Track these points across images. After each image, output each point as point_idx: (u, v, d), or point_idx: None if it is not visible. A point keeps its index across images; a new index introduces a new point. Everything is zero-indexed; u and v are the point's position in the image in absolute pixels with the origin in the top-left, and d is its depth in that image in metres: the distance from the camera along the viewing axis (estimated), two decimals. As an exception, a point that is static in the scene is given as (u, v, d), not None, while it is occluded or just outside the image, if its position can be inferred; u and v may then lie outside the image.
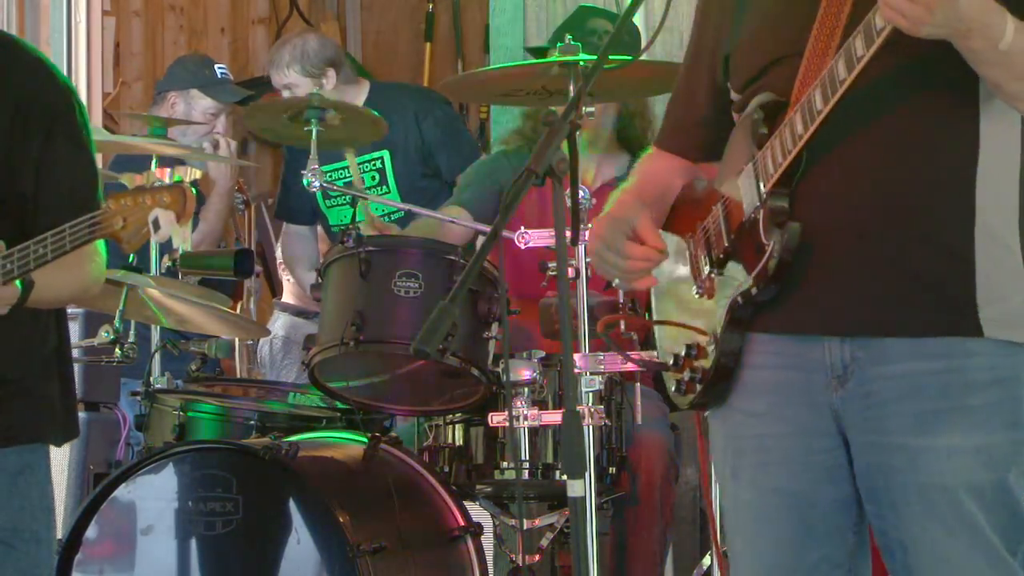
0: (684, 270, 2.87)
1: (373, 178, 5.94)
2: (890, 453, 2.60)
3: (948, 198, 2.58)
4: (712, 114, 2.84)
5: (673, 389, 2.92)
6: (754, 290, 2.63)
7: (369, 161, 5.95)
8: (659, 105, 5.14)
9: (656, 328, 3.00)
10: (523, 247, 4.06)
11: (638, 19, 5.39)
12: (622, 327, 3.54)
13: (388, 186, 5.91)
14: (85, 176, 3.19)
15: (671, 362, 2.87)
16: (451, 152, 5.92)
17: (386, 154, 5.92)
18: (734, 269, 2.71)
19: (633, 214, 2.78)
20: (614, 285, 3.06)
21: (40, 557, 3.11)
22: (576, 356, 3.90)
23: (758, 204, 2.62)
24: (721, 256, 2.73)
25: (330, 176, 5.80)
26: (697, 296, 2.81)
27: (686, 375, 2.83)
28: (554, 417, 4.10)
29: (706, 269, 2.78)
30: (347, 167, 5.72)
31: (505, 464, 4.24)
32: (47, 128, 3.14)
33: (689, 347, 2.82)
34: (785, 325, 2.66)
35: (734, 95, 2.77)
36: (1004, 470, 2.57)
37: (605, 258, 2.78)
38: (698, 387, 2.79)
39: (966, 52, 2.47)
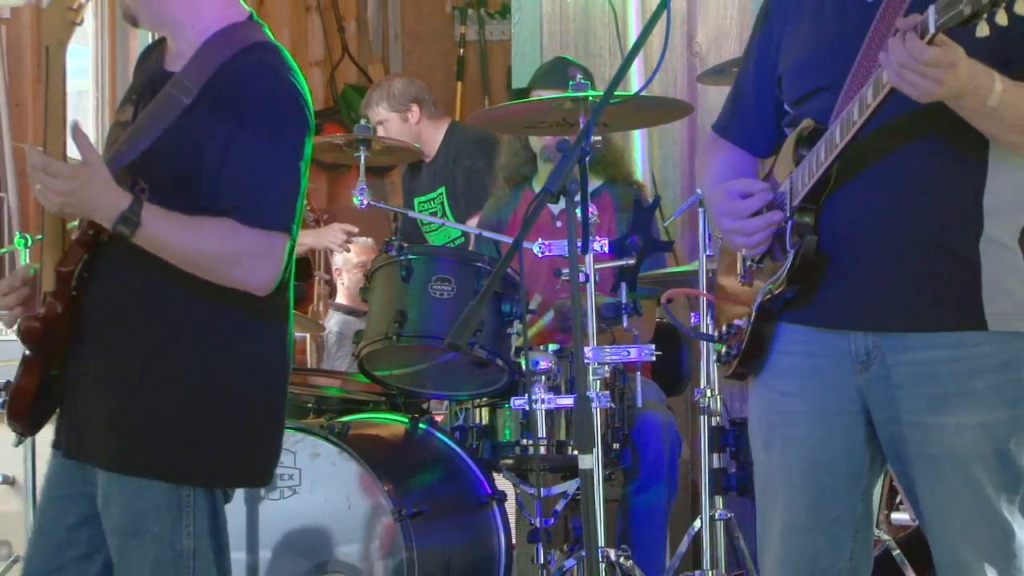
0: None
1: (434, 214, 6.02)
2: (906, 428, 2.71)
3: (958, 211, 2.68)
4: (777, 116, 2.90)
5: (715, 359, 2.99)
6: (778, 289, 2.76)
7: (433, 199, 6.06)
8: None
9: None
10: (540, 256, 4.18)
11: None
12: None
13: (448, 220, 6.01)
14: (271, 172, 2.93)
15: (717, 336, 2.99)
16: (469, 201, 6.00)
17: (443, 190, 6.05)
18: (770, 264, 2.83)
19: (732, 184, 2.82)
20: (745, 254, 2.92)
21: None
22: (586, 348, 4.00)
23: (788, 216, 2.75)
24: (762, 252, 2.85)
25: (421, 207, 5.95)
26: (741, 283, 2.91)
27: (724, 350, 2.94)
28: (567, 401, 4.19)
29: (749, 261, 2.89)
30: (434, 198, 5.91)
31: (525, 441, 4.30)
32: (240, 113, 2.92)
33: (730, 326, 2.93)
34: (815, 319, 2.76)
35: (787, 107, 2.86)
36: (1005, 441, 2.68)
37: (731, 228, 2.80)
38: (734, 362, 2.91)
39: (958, 110, 2.55)
